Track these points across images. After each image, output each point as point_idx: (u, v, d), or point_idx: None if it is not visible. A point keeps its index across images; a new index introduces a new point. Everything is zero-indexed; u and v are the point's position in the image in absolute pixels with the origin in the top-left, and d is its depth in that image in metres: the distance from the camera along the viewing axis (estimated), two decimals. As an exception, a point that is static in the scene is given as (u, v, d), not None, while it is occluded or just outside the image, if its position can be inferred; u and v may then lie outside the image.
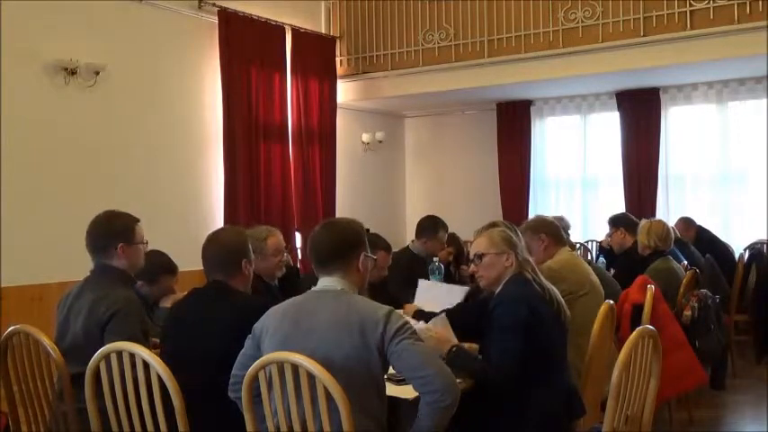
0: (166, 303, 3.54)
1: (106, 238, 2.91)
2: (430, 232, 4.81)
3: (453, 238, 5.43)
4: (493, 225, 3.21)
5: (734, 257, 5.75)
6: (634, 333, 2.34)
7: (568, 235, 5.92)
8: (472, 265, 2.90)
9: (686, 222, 6.27)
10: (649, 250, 4.68)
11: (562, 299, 2.89)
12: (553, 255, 3.56)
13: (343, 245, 2.35)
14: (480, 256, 2.84)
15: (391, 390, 2.39)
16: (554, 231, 3.65)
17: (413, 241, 4.96)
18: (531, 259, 2.94)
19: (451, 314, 3.18)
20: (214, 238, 2.82)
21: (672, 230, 4.82)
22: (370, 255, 2.43)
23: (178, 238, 3.69)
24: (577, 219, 7.75)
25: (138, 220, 3.01)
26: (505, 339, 2.62)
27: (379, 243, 4.02)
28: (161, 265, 3.55)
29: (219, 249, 2.76)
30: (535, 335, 2.63)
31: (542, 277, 2.88)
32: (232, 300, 2.66)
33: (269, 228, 3.67)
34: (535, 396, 2.61)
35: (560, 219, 6.07)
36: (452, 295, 3.97)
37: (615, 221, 5.44)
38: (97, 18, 5.50)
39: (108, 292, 2.76)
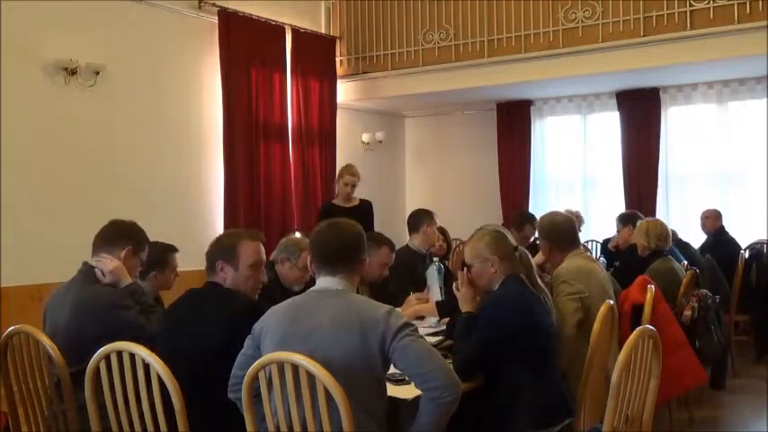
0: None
1: (120, 236, 3.04)
2: (425, 219, 4.79)
3: (442, 232, 5.49)
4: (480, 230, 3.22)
5: (737, 259, 5.76)
6: (634, 333, 2.34)
7: (580, 231, 6.01)
8: (466, 273, 2.93)
9: (716, 214, 6.43)
10: (649, 251, 4.67)
11: (552, 301, 2.93)
12: (562, 260, 3.48)
13: (351, 246, 2.38)
14: (469, 267, 2.87)
15: (391, 390, 2.40)
16: (560, 236, 3.55)
17: (411, 239, 4.95)
18: (531, 261, 2.96)
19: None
20: (215, 239, 2.85)
21: (670, 230, 4.82)
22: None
23: (178, 238, 3.67)
24: (577, 219, 7.77)
25: (145, 249, 3.15)
26: (476, 340, 2.68)
27: (383, 240, 4.03)
28: (162, 247, 3.50)
29: (210, 249, 2.79)
30: (529, 335, 2.66)
31: (537, 278, 2.91)
32: (225, 300, 2.66)
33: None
34: (534, 395, 2.63)
35: (577, 215, 6.21)
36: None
37: (624, 219, 5.61)
38: (97, 18, 5.49)
39: (89, 290, 2.88)
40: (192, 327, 2.60)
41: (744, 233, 6.65)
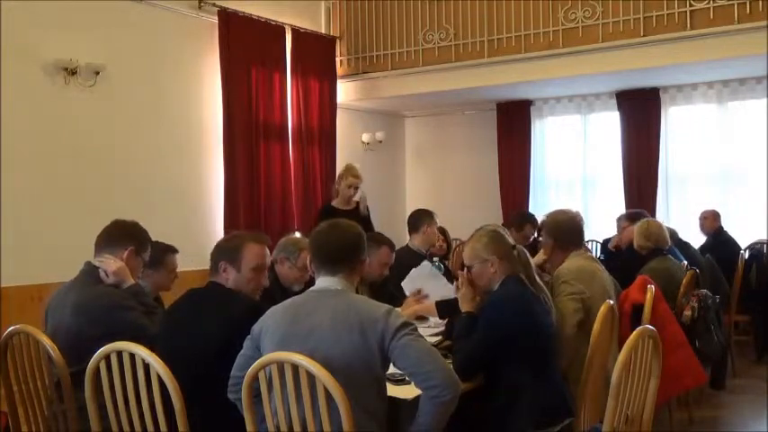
0: None
1: (123, 236, 3.05)
2: (425, 219, 4.79)
3: (442, 232, 5.50)
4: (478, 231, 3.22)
5: (737, 259, 5.77)
6: (634, 333, 2.34)
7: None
8: (467, 273, 2.93)
9: (715, 214, 6.44)
10: (646, 250, 4.67)
11: (551, 301, 2.93)
12: (563, 260, 3.47)
13: (351, 246, 2.39)
14: (469, 268, 2.88)
15: (391, 390, 2.40)
16: (564, 236, 3.54)
17: (411, 239, 4.95)
18: (530, 259, 2.96)
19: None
20: (220, 240, 2.86)
21: (666, 229, 4.81)
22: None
23: (178, 238, 3.67)
24: (577, 219, 7.75)
25: (147, 249, 3.14)
26: (476, 340, 2.69)
27: (383, 240, 4.03)
28: (162, 247, 3.50)
29: (215, 249, 2.79)
30: (529, 335, 2.67)
31: (536, 276, 2.92)
32: (225, 300, 2.66)
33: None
34: (534, 395, 2.63)
35: (577, 215, 6.23)
36: (439, 288, 3.94)
37: (630, 217, 5.61)
38: (97, 18, 5.49)
39: (91, 290, 2.89)
40: (192, 326, 2.60)
41: (744, 233, 6.65)
